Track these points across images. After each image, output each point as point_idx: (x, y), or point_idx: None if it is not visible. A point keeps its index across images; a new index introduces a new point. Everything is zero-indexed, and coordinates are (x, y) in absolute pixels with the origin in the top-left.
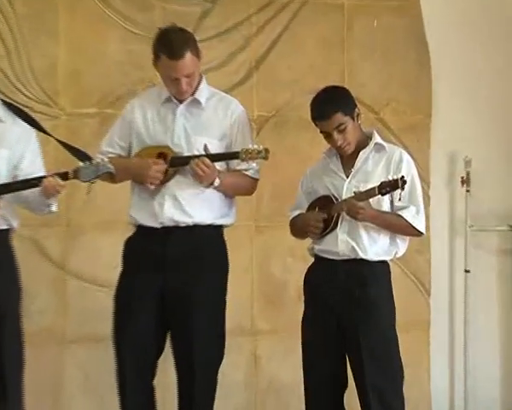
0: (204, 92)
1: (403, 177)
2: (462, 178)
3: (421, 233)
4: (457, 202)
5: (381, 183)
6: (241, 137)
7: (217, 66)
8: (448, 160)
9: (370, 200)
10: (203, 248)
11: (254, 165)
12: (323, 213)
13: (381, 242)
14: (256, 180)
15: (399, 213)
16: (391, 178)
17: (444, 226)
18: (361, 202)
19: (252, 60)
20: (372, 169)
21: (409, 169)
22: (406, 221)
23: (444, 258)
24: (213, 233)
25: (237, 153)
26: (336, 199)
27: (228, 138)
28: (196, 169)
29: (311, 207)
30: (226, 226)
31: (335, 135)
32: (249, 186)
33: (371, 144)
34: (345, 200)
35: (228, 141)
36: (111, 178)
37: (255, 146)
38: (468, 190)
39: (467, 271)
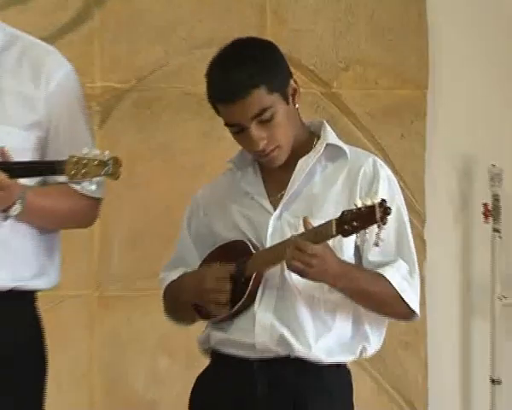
0: None
1: (383, 201)
2: (486, 206)
3: (414, 314)
4: (476, 253)
5: (343, 213)
6: (69, 129)
7: None
8: (459, 171)
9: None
10: None
11: (93, 187)
12: (230, 267)
13: (338, 328)
14: (98, 201)
15: (381, 271)
16: (360, 205)
17: (451, 299)
18: (312, 243)
19: None
20: (321, 190)
21: (389, 192)
22: (391, 287)
23: (451, 358)
24: (16, 306)
25: (61, 164)
26: (254, 247)
27: (42, 127)
28: None
29: (206, 262)
30: (41, 291)
31: (253, 130)
32: (82, 212)
33: (319, 146)
34: (281, 243)
35: (42, 132)
36: None
37: (95, 152)
38: (496, 230)
39: (495, 381)
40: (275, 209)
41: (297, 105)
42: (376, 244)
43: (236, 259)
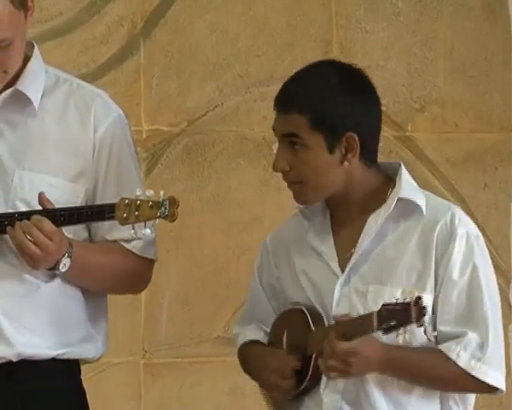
0: (37, 79)
1: (419, 299)
2: None
3: (496, 389)
4: None
5: (381, 307)
6: (118, 175)
7: (64, 26)
8: None
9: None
10: (39, 405)
11: (148, 231)
12: (295, 359)
13: (415, 407)
14: (149, 262)
15: (445, 350)
16: (400, 298)
17: None
18: (349, 339)
19: (136, 16)
20: (393, 253)
21: (466, 253)
22: (456, 366)
23: None
24: (60, 376)
25: (111, 207)
26: (315, 320)
27: (90, 177)
28: (23, 242)
29: (276, 328)
30: (87, 362)
31: (279, 148)
32: (133, 274)
33: (391, 200)
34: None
35: (90, 182)
36: None
37: (148, 193)
38: None
39: None
40: (342, 271)
41: (346, 163)
42: (424, 331)
43: (299, 331)
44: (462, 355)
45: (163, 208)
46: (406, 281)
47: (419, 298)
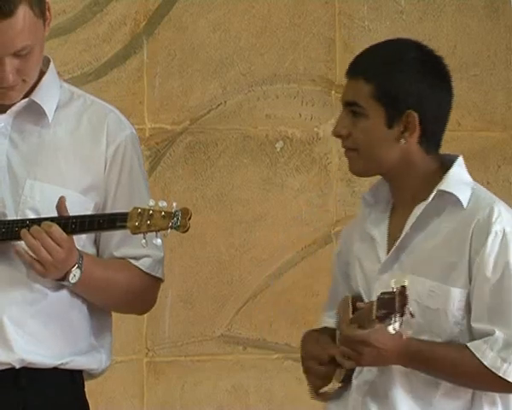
0: (51, 92)
1: (403, 287)
2: None
3: None
4: None
5: (379, 296)
6: (128, 191)
7: (67, 24)
8: None
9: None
10: None
11: (159, 241)
12: (334, 347)
13: (442, 404)
14: (156, 281)
15: (472, 347)
16: (392, 289)
17: None
18: (363, 327)
19: (139, 14)
20: (430, 245)
21: (500, 250)
22: (481, 364)
23: None
24: (62, 386)
25: (123, 216)
26: (355, 307)
27: (100, 191)
28: (36, 247)
29: (337, 316)
30: (91, 374)
31: (341, 115)
32: (140, 291)
33: (433, 192)
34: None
35: (100, 197)
36: None
37: (161, 204)
38: None
39: None
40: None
41: (403, 141)
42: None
43: (345, 320)
44: (487, 354)
45: (175, 219)
46: (440, 274)
47: (403, 287)
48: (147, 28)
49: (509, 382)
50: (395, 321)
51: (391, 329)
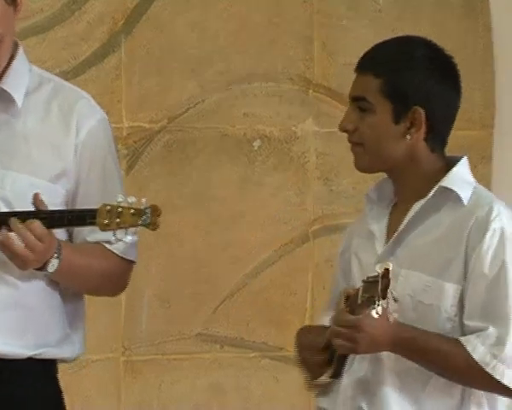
0: (20, 78)
1: (387, 270)
2: None
3: None
4: None
5: (364, 280)
6: (99, 177)
7: (45, 23)
8: None
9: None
10: (14, 404)
11: (129, 238)
12: (322, 339)
13: (430, 401)
14: (129, 264)
15: (463, 341)
16: (378, 274)
17: None
18: (354, 313)
19: (117, 13)
20: (427, 240)
21: (498, 248)
22: (472, 359)
23: None
24: (36, 376)
25: (92, 213)
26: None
27: (71, 178)
28: (12, 243)
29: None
30: (64, 362)
31: (349, 108)
32: (114, 275)
33: (434, 189)
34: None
35: (71, 183)
36: None
37: (130, 200)
38: None
39: None
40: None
41: (408, 137)
42: (387, 320)
43: (340, 313)
44: (478, 349)
45: (145, 217)
46: (435, 269)
47: (386, 270)
48: (125, 27)
49: (495, 380)
50: (378, 305)
51: (374, 313)
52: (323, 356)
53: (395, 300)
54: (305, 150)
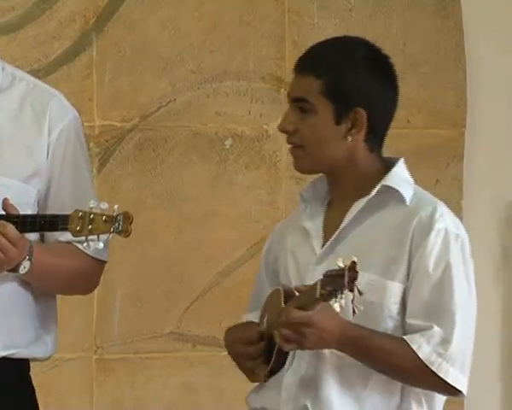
0: None
1: (354, 263)
2: None
3: (459, 392)
4: None
5: (325, 274)
6: (71, 177)
7: (16, 21)
8: (500, 221)
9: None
10: None
11: (101, 244)
12: (260, 327)
13: (371, 398)
14: (101, 264)
15: (408, 339)
16: (342, 265)
17: (492, 366)
18: (305, 309)
19: (88, 11)
20: (369, 238)
21: (442, 248)
22: (417, 357)
23: None
24: (8, 375)
25: (65, 219)
26: (293, 294)
27: (43, 178)
28: None
29: (262, 309)
30: (38, 360)
31: (288, 109)
32: (86, 275)
33: (376, 187)
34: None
35: (43, 183)
36: None
37: (103, 206)
38: None
39: None
40: (321, 249)
41: (349, 138)
42: (353, 312)
43: (275, 310)
44: (423, 347)
45: (117, 224)
46: (378, 267)
47: (354, 263)
48: (96, 25)
49: (440, 379)
50: (341, 298)
51: (337, 306)
52: (257, 347)
53: (360, 293)
54: (277, 149)
